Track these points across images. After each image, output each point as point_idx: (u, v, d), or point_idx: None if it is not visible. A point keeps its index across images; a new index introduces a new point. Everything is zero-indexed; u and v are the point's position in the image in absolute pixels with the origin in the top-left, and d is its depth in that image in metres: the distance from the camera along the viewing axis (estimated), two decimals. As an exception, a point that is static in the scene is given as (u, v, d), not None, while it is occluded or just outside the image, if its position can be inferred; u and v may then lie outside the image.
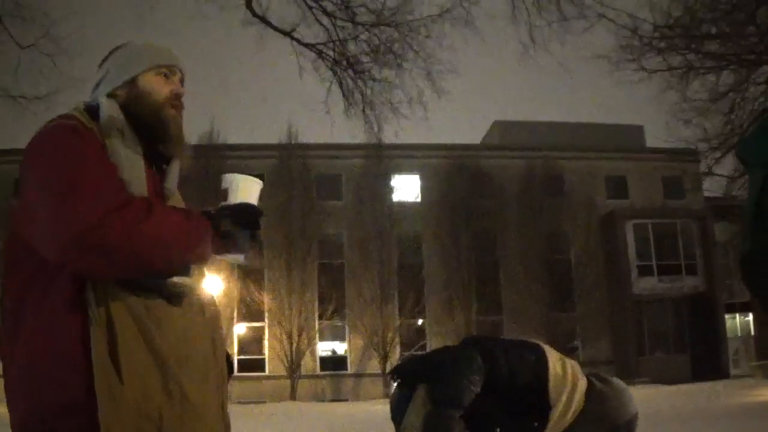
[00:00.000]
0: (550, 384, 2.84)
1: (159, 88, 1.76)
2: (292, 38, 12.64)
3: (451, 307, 27.29)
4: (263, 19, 12.35)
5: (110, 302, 1.51)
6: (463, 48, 37.28)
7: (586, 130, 31.30)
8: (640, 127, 32.30)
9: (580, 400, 2.87)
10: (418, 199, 29.34)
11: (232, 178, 1.71)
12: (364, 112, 13.06)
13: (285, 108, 60.07)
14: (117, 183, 1.57)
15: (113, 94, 1.74)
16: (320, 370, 27.48)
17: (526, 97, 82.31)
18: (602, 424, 2.91)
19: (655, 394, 16.46)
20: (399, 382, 3.06)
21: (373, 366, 26.75)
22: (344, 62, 12.88)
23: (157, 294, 1.57)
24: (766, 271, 1.35)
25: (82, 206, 1.47)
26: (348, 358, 27.82)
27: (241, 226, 1.65)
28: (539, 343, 3.03)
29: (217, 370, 1.70)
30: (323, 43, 12.67)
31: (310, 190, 28.27)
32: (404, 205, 28.65)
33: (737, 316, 30.10)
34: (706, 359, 27.03)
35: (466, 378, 2.76)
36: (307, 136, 33.42)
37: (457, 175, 28.46)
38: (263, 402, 24.20)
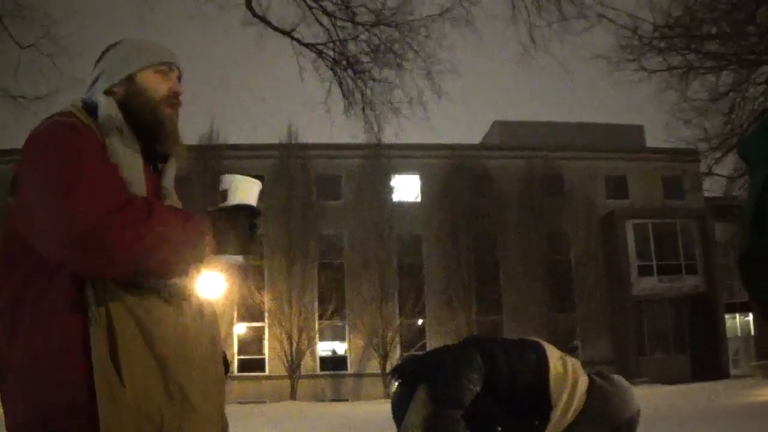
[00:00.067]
0: (551, 383, 2.84)
1: (157, 86, 1.75)
2: (292, 38, 12.64)
3: (451, 307, 27.29)
4: (263, 19, 12.35)
5: (110, 302, 1.50)
6: (463, 48, 37.22)
7: (586, 130, 31.29)
8: (640, 127, 32.29)
9: (581, 398, 2.87)
10: (418, 199, 29.33)
11: (231, 179, 1.70)
12: (364, 112, 13.07)
13: (285, 108, 60.14)
14: (118, 183, 1.55)
15: (110, 92, 1.72)
16: (320, 370, 27.48)
17: (526, 97, 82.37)
18: (604, 422, 2.91)
19: (655, 394, 16.45)
20: (400, 381, 3.06)
21: (373, 366, 26.75)
22: (344, 62, 12.88)
23: (156, 294, 1.57)
24: (763, 269, 1.35)
25: (83, 206, 1.45)
26: (348, 358, 27.81)
27: (240, 227, 1.64)
28: (540, 341, 3.02)
29: (216, 371, 1.69)
30: (323, 43, 12.68)
31: (310, 190, 28.27)
32: (404, 205, 28.64)
33: (737, 316, 30.11)
34: (706, 359, 27.03)
35: (466, 377, 2.76)
36: (307, 136, 33.51)
37: (457, 175, 28.46)
38: (263, 402, 24.22)
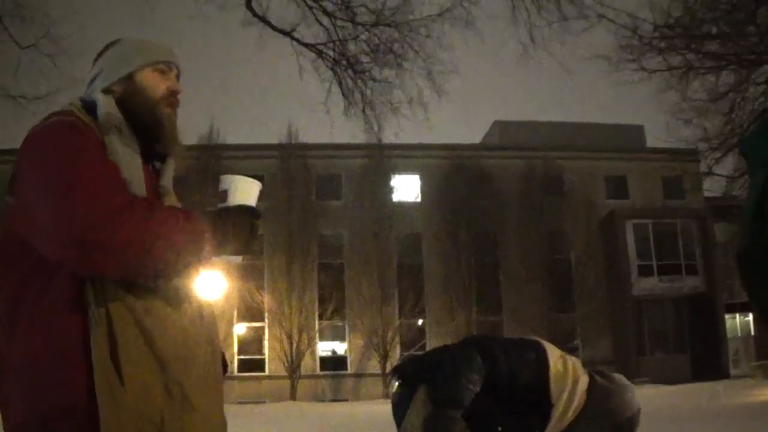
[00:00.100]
0: (551, 382, 2.84)
1: (156, 85, 1.74)
2: (292, 38, 12.63)
3: (451, 307, 27.29)
4: (263, 19, 12.34)
5: (110, 303, 1.49)
6: (463, 48, 37.34)
7: (586, 130, 31.29)
8: (640, 127, 32.29)
9: (581, 396, 2.87)
10: (418, 199, 29.33)
11: (231, 180, 1.70)
12: (364, 112, 13.05)
13: (285, 108, 60.17)
14: (119, 182, 1.55)
15: (109, 90, 1.71)
16: (320, 370, 27.48)
17: (526, 97, 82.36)
18: (605, 421, 2.90)
19: (655, 394, 16.46)
20: (400, 382, 3.06)
21: (373, 366, 26.75)
22: (344, 62, 12.87)
23: (156, 295, 1.56)
24: (762, 268, 1.35)
25: (83, 206, 1.44)
26: (348, 358, 27.82)
27: (240, 228, 1.63)
28: (540, 340, 3.01)
29: (215, 371, 1.69)
30: (323, 43, 12.67)
31: (310, 190, 28.27)
32: (404, 205, 28.64)
33: (737, 316, 30.10)
34: (706, 359, 27.03)
35: (466, 378, 2.75)
36: (307, 136, 33.48)
37: (457, 175, 28.46)
38: (263, 402, 24.22)
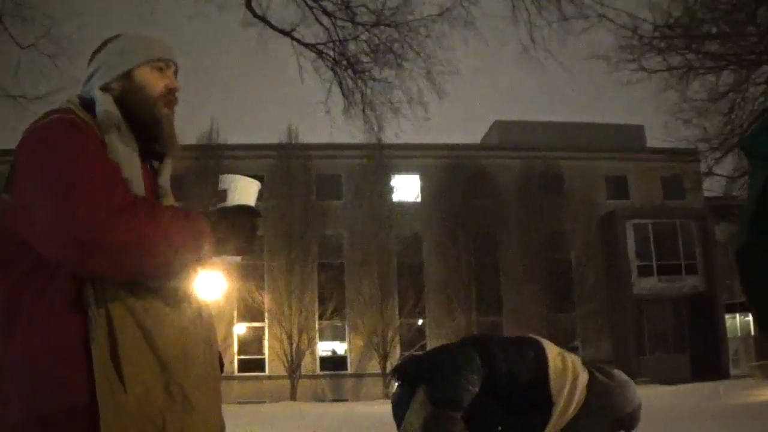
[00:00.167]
0: (551, 380, 2.83)
1: (154, 83, 1.72)
2: (292, 38, 12.63)
3: (451, 308, 27.29)
4: (263, 19, 12.34)
5: (110, 303, 1.48)
6: (463, 48, 37.29)
7: (586, 130, 31.30)
8: (640, 127, 32.27)
9: (581, 393, 2.86)
10: (418, 199, 29.33)
11: (231, 179, 1.70)
12: (364, 112, 13.05)
13: (285, 108, 60.18)
14: (120, 182, 1.53)
15: (107, 88, 1.69)
16: (320, 370, 27.49)
17: (526, 97, 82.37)
18: (605, 417, 2.90)
19: (655, 394, 16.45)
20: (399, 382, 3.06)
21: (373, 366, 26.76)
22: (344, 62, 12.87)
23: (156, 295, 1.55)
24: (759, 265, 1.35)
25: (84, 206, 1.43)
26: (348, 358, 27.82)
27: (240, 228, 1.63)
28: (538, 338, 3.01)
29: (213, 371, 1.69)
30: (323, 43, 12.67)
31: (310, 190, 28.28)
32: (404, 205, 28.65)
33: (737, 316, 30.12)
34: (706, 359, 27.03)
35: (465, 378, 2.75)
36: (307, 136, 33.41)
37: (457, 175, 28.46)
38: (263, 402, 24.22)
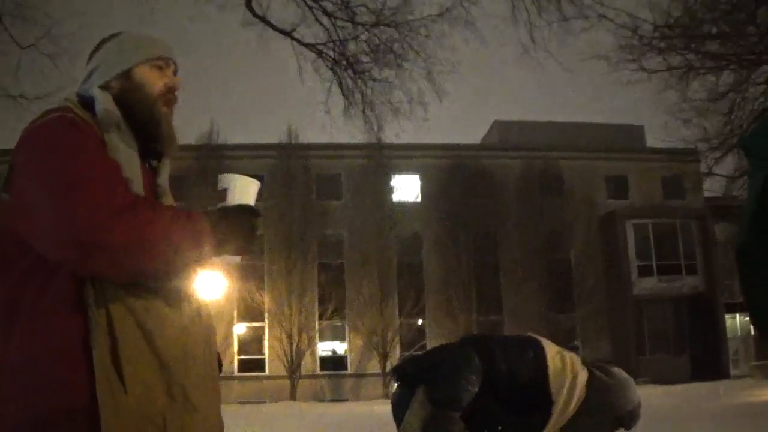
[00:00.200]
0: (550, 378, 2.83)
1: (154, 81, 1.71)
2: (292, 38, 12.64)
3: (451, 307, 27.29)
4: (263, 19, 12.35)
5: (110, 303, 1.47)
6: (464, 48, 37.29)
7: (586, 130, 31.30)
8: (640, 127, 32.28)
9: (581, 391, 2.86)
10: (418, 199, 29.34)
11: (230, 179, 1.69)
12: (364, 112, 13.06)
13: (285, 108, 60.12)
14: (121, 181, 1.52)
15: (106, 86, 1.68)
16: (320, 370, 27.49)
17: (526, 97, 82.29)
18: (605, 415, 2.90)
19: (655, 394, 16.44)
20: (399, 383, 3.06)
21: (373, 366, 26.76)
22: (344, 62, 12.88)
23: (156, 295, 1.54)
24: (758, 264, 1.35)
25: (85, 206, 1.41)
26: (348, 358, 27.83)
27: (240, 228, 1.62)
28: (537, 337, 3.00)
29: (213, 371, 1.68)
30: (323, 43, 12.68)
31: (310, 190, 28.28)
32: (404, 205, 28.65)
33: (737, 316, 30.07)
34: (706, 359, 27.04)
35: (464, 378, 2.75)
36: (307, 136, 33.34)
37: (457, 175, 28.46)
38: (263, 402, 24.23)
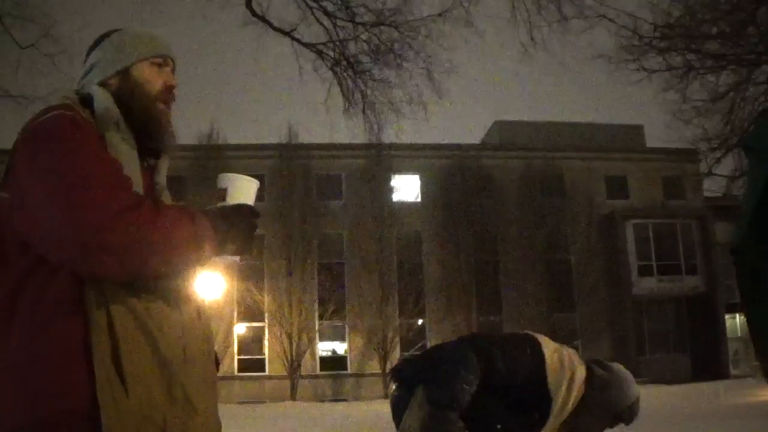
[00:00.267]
0: (549, 376, 2.83)
1: (152, 80, 1.70)
2: (292, 38, 12.63)
3: (451, 307, 27.30)
4: (263, 19, 12.33)
5: (110, 304, 1.46)
6: (463, 48, 37.28)
7: (586, 130, 31.31)
8: (640, 127, 32.30)
9: (580, 388, 2.86)
10: (418, 199, 29.34)
11: (230, 178, 1.69)
12: (364, 112, 13.05)
13: (285, 108, 60.17)
14: (123, 180, 1.50)
15: (105, 84, 1.67)
16: (320, 370, 27.50)
17: (526, 97, 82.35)
18: (604, 411, 2.90)
19: (655, 394, 16.45)
20: (397, 383, 3.06)
21: (373, 366, 26.76)
22: (344, 62, 12.87)
23: (156, 295, 1.53)
24: (756, 264, 1.35)
25: (87, 206, 1.40)
26: (348, 358, 27.83)
27: (240, 227, 1.61)
28: (534, 335, 3.00)
29: (211, 371, 1.68)
30: (323, 43, 12.66)
31: (310, 190, 28.29)
32: (404, 205, 28.66)
33: (737, 316, 30.05)
34: (706, 359, 27.04)
35: (462, 378, 2.75)
36: (307, 136, 33.45)
37: (457, 175, 28.48)
38: (263, 402, 24.25)
